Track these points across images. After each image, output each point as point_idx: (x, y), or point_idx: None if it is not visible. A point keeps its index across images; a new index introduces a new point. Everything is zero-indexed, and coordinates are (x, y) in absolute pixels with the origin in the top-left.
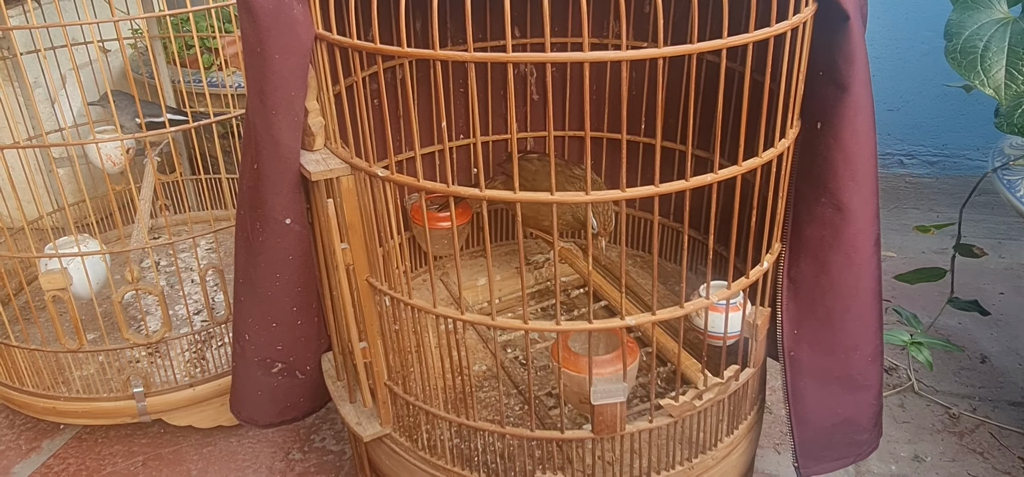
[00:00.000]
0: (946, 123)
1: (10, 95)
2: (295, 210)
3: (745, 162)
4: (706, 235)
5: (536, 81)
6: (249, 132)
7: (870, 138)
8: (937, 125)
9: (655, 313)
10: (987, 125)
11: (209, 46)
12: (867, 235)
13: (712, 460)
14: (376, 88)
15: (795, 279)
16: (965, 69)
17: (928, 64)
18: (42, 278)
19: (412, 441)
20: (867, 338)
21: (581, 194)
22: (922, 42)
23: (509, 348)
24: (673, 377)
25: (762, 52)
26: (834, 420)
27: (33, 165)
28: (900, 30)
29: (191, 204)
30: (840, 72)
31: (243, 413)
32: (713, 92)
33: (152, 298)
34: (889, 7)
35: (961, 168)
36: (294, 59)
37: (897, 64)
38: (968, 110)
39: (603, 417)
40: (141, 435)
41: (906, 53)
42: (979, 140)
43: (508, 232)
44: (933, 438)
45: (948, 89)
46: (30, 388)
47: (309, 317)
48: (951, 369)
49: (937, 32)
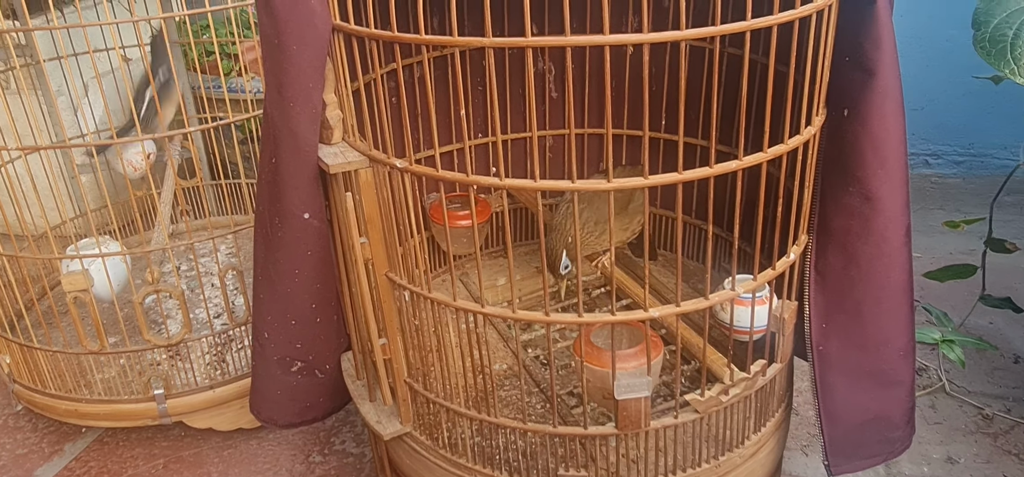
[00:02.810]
0: (972, 122)
1: (33, 104)
2: (314, 205)
3: (771, 149)
4: (730, 230)
5: (555, 78)
6: (268, 126)
7: (899, 124)
8: (963, 124)
9: (679, 305)
10: (1015, 123)
11: (228, 52)
12: (897, 225)
13: (739, 458)
14: (395, 86)
15: (823, 271)
16: (994, 58)
17: (953, 62)
18: (64, 279)
19: (433, 440)
20: (898, 332)
21: (602, 182)
22: (946, 40)
23: (530, 348)
24: (698, 376)
25: (786, 38)
26: (865, 417)
27: (56, 172)
28: (924, 28)
29: (212, 209)
30: (867, 56)
31: (263, 413)
32: (735, 86)
33: (173, 302)
34: (913, 6)
35: (988, 168)
36: (311, 50)
37: (921, 63)
38: (995, 108)
39: (627, 412)
40: (162, 438)
41: (930, 50)
42: (1007, 138)
43: (529, 232)
44: (966, 439)
45: (974, 88)
46: (53, 391)
47: (328, 315)
48: (983, 369)
49: (961, 29)
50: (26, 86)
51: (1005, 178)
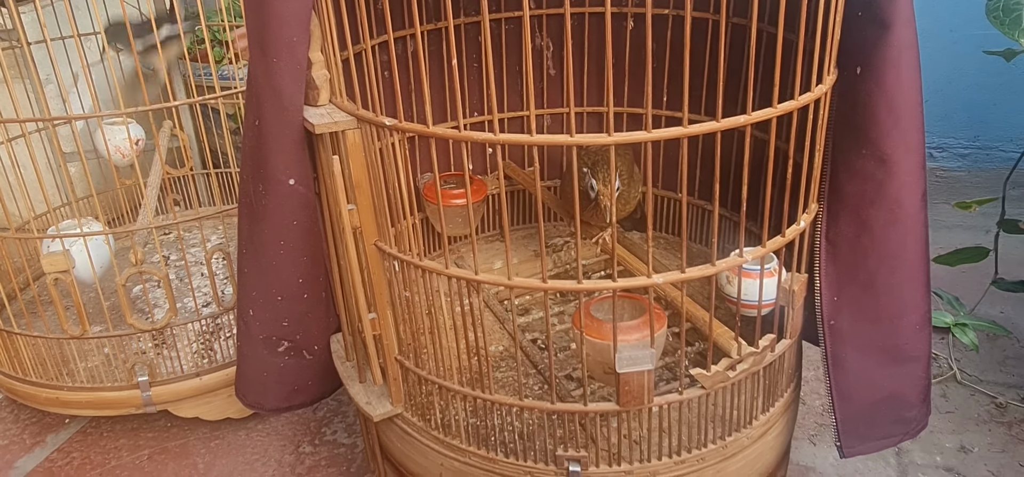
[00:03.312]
0: (978, 115)
1: (20, 91)
2: (299, 170)
3: (781, 105)
4: (735, 210)
5: (553, 55)
6: (251, 86)
7: (915, 81)
8: (969, 117)
9: (684, 271)
10: (1021, 115)
11: (220, 40)
12: (913, 189)
13: (747, 439)
14: (386, 60)
15: (834, 241)
16: (1008, 27)
17: (958, 54)
18: (44, 261)
19: (425, 421)
20: (914, 304)
21: (602, 136)
22: (951, 31)
23: (528, 332)
24: (704, 355)
25: None
26: (879, 395)
27: (42, 162)
28: (927, 21)
29: (203, 200)
30: (881, 8)
31: (248, 397)
32: (740, 53)
33: (161, 292)
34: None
35: (994, 160)
36: (295, 1)
37: (926, 56)
38: (1001, 101)
39: (629, 387)
40: (147, 428)
41: (934, 43)
42: (1013, 131)
43: (527, 215)
44: (979, 428)
45: (979, 80)
46: (34, 379)
47: (316, 291)
48: (995, 358)
49: (966, 20)
50: (12, 74)
51: (1020, 155)
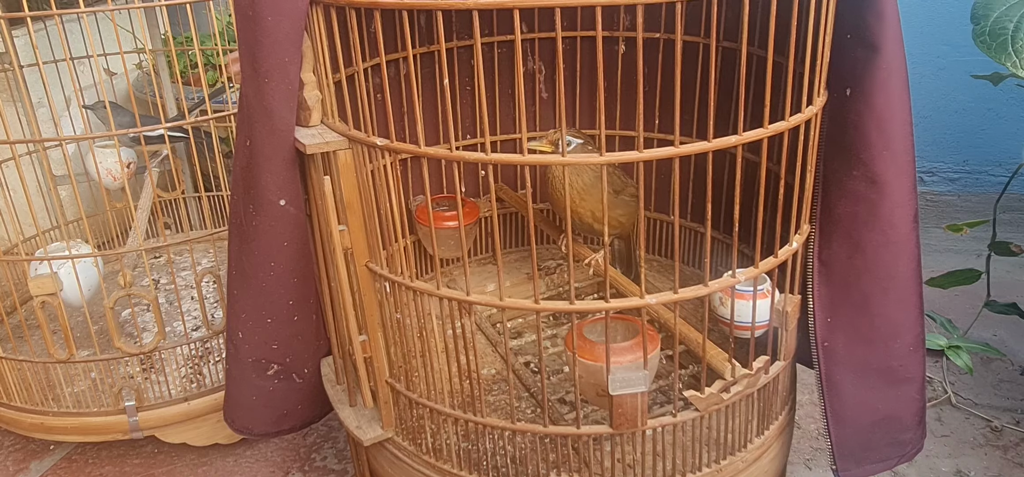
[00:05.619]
0: (967, 139)
1: (12, 115)
2: (290, 191)
3: (771, 125)
4: (728, 231)
5: (545, 78)
6: (242, 107)
7: (904, 103)
8: (958, 141)
9: (677, 292)
10: (1010, 139)
11: (213, 63)
12: (905, 210)
13: (742, 463)
14: (379, 82)
15: (827, 261)
16: (995, 51)
17: (945, 79)
18: (31, 283)
19: (416, 445)
20: (908, 325)
21: (594, 155)
22: (938, 57)
23: (520, 355)
24: (697, 377)
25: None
26: (874, 417)
27: (33, 186)
28: (915, 46)
29: (194, 223)
30: (870, 31)
31: (237, 421)
32: (731, 77)
33: (149, 316)
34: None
35: (983, 185)
36: (287, 22)
37: (914, 81)
38: (989, 125)
39: (623, 409)
40: (134, 455)
41: (922, 68)
42: (1001, 155)
43: (519, 238)
44: (975, 452)
45: (967, 104)
46: (18, 403)
47: (306, 314)
48: (989, 381)
49: (953, 46)
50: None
51: (1009, 177)
